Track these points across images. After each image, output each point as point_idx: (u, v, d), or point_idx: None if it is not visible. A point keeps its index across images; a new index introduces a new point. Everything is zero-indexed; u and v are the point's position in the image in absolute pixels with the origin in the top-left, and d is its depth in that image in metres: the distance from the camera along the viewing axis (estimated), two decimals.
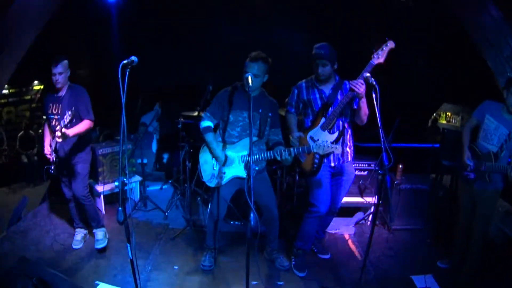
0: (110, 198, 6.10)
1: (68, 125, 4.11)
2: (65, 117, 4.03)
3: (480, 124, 4.30)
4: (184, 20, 7.16)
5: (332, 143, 3.84)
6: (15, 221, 5.25)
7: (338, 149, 3.84)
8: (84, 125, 4.40)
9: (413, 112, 3.72)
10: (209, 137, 4.14)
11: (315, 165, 4.25)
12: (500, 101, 4.13)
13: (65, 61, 4.36)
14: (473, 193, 4.29)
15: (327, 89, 4.26)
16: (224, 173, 4.17)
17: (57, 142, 4.35)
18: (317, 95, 4.26)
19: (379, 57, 3.86)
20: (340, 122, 4.22)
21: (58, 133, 4.05)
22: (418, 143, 6.59)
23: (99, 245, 4.83)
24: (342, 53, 4.17)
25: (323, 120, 4.19)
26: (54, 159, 4.48)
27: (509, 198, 5.24)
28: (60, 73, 4.32)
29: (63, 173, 4.68)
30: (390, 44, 3.86)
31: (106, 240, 4.92)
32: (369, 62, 3.87)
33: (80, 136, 4.51)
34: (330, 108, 4.17)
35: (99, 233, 4.91)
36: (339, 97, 4.22)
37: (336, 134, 4.16)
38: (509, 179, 4.07)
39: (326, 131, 4.16)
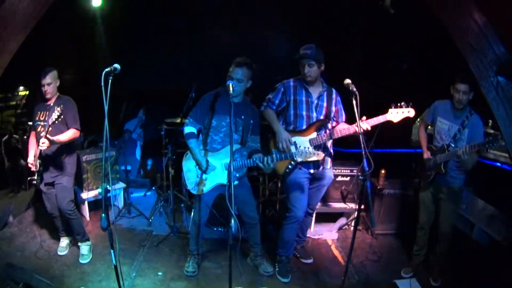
0: (95, 205, 6.10)
1: (52, 126, 4.07)
2: (52, 116, 3.99)
3: (432, 125, 4.50)
4: (168, 26, 7.19)
5: (314, 149, 3.89)
6: (0, 228, 5.21)
7: (320, 155, 3.88)
8: (69, 133, 4.39)
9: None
10: (192, 143, 4.15)
11: (287, 170, 4.29)
12: (449, 98, 4.30)
13: (54, 72, 4.39)
14: (436, 190, 4.43)
15: (314, 93, 4.25)
16: (206, 179, 4.18)
17: (41, 150, 4.25)
18: (304, 98, 4.23)
19: (394, 116, 3.88)
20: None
21: (42, 139, 4.03)
22: (402, 148, 6.67)
23: (84, 260, 4.78)
24: (325, 58, 4.18)
25: (314, 134, 4.21)
26: (38, 167, 4.37)
27: (493, 201, 5.31)
28: (49, 83, 4.35)
29: (47, 185, 4.60)
30: (410, 112, 3.88)
31: (91, 255, 4.88)
32: (383, 115, 3.89)
33: (66, 147, 4.52)
34: (323, 127, 4.25)
35: (84, 248, 4.87)
36: (326, 104, 4.27)
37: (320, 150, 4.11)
38: (461, 162, 4.10)
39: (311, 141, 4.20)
